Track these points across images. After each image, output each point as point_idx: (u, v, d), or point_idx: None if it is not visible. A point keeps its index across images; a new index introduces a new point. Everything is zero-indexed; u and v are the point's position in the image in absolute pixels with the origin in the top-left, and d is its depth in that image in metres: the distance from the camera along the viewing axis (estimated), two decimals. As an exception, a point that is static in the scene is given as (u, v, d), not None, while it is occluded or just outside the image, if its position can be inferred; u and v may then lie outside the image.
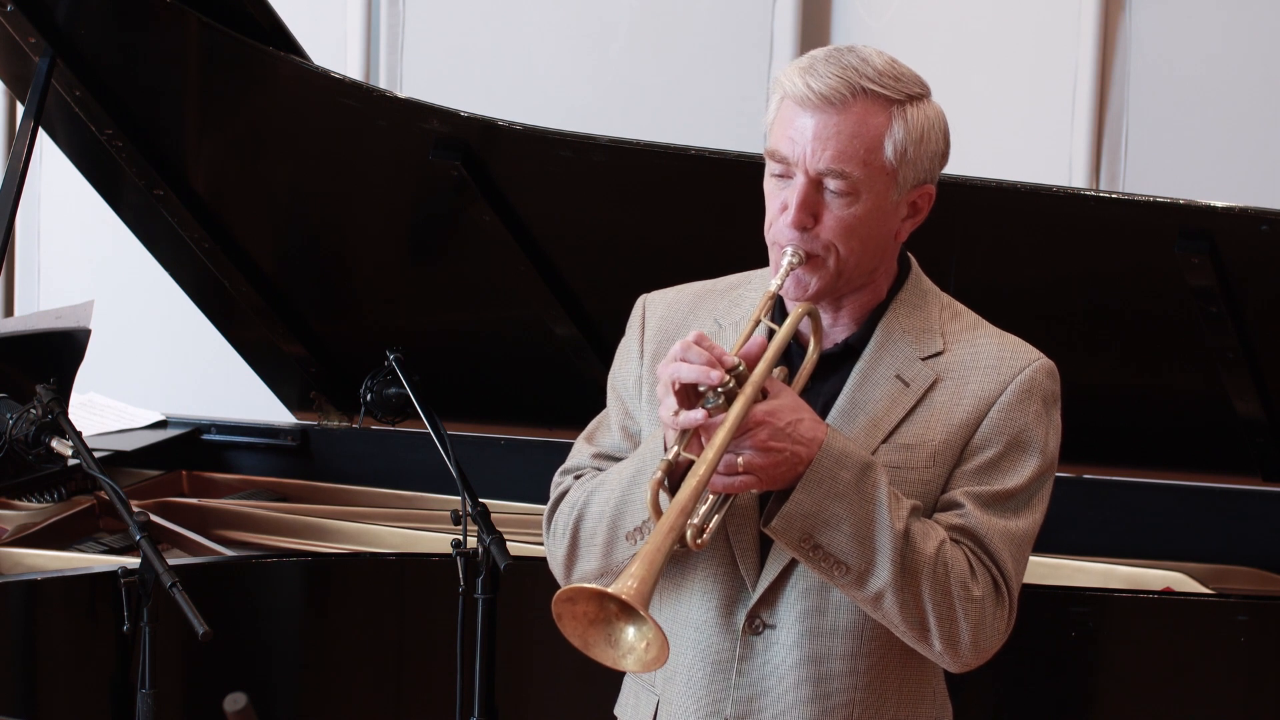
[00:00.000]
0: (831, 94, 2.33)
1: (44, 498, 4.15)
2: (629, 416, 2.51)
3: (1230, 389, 3.80)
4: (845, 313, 2.44)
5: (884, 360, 2.41)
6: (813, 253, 2.36)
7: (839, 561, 2.30)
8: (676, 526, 2.22)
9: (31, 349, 4.09)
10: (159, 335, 5.86)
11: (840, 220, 2.35)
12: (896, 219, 2.40)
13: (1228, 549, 4.02)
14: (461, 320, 4.34)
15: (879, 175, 2.35)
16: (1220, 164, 5.26)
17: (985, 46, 5.43)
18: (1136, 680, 3.57)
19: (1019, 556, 2.39)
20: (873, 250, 2.39)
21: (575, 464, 2.55)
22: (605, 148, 3.79)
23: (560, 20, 5.63)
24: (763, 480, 2.29)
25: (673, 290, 2.56)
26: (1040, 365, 2.44)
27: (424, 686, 3.69)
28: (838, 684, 2.40)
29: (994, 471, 2.38)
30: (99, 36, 3.99)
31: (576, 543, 2.45)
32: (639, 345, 2.52)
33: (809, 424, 2.30)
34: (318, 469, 4.59)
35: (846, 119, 2.34)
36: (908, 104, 2.37)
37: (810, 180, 2.35)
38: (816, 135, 2.34)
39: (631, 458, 2.43)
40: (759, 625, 2.41)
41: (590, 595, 2.20)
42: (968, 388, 2.40)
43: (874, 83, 2.35)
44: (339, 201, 4.22)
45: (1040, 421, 2.41)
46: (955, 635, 2.34)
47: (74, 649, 3.52)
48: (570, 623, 2.22)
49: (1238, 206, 3.58)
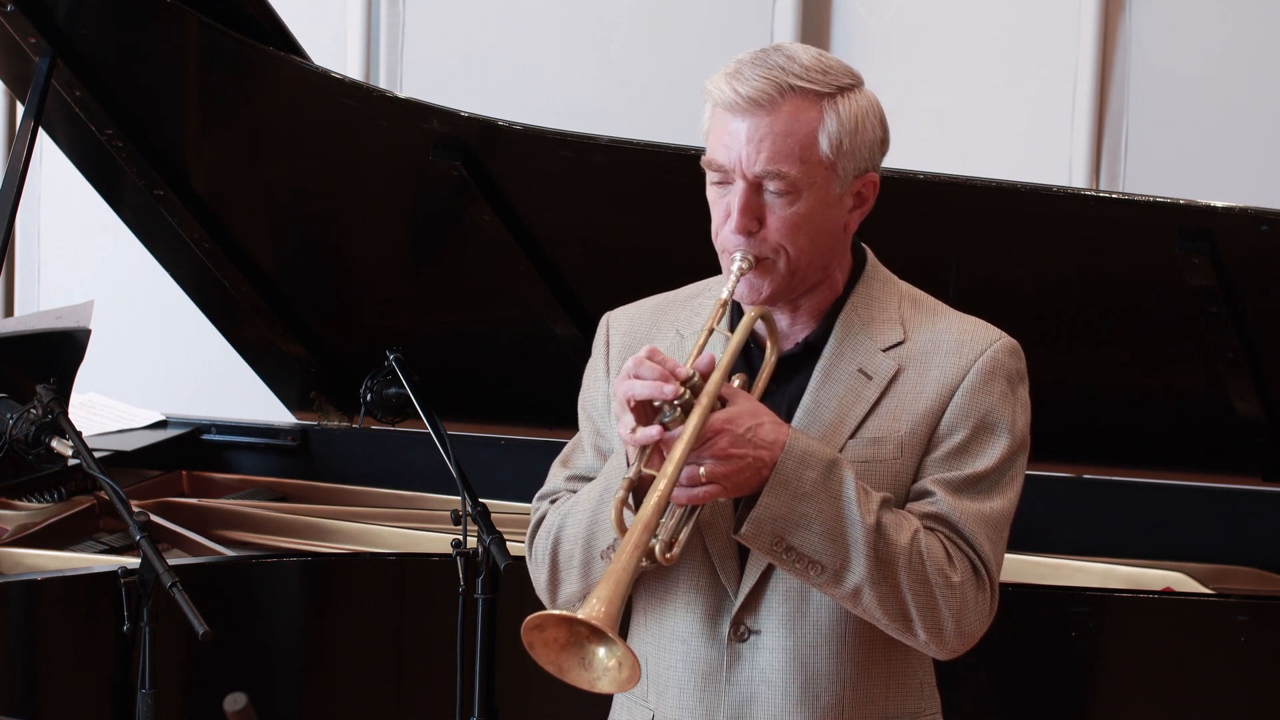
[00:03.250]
0: (759, 96, 2.32)
1: (44, 498, 4.15)
2: (601, 436, 2.51)
3: (1230, 389, 3.80)
4: (803, 311, 2.43)
5: (845, 355, 2.40)
6: (762, 256, 2.35)
7: (813, 561, 2.30)
8: (641, 544, 2.23)
9: (31, 349, 4.09)
10: (159, 335, 5.86)
11: (784, 220, 2.34)
12: (843, 211, 2.39)
13: (1228, 549, 4.02)
14: (461, 320, 4.34)
15: (818, 171, 2.34)
16: (1220, 164, 5.26)
17: (985, 46, 5.43)
18: (1136, 680, 3.57)
19: (996, 539, 2.38)
20: (822, 246, 2.38)
21: (551, 488, 2.55)
22: (605, 148, 3.79)
23: (560, 20, 5.63)
24: (727, 488, 2.29)
25: (633, 306, 2.56)
26: (1002, 345, 2.41)
27: (424, 686, 3.69)
28: (825, 683, 2.39)
29: (964, 455, 2.37)
30: (99, 36, 3.99)
31: (556, 567, 2.45)
32: (604, 364, 2.52)
33: (769, 427, 2.30)
34: (318, 469, 4.59)
35: (777, 119, 2.32)
36: (838, 96, 2.35)
37: (749, 184, 2.34)
38: (749, 139, 2.33)
39: (599, 477, 2.43)
40: (744, 632, 2.40)
41: (558, 621, 2.20)
42: (930, 375, 2.39)
43: (801, 79, 2.33)
44: (339, 201, 4.22)
45: (1006, 401, 2.39)
46: (938, 623, 2.33)
47: (74, 649, 3.52)
48: (542, 650, 2.22)
49: (1238, 206, 3.58)
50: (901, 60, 5.43)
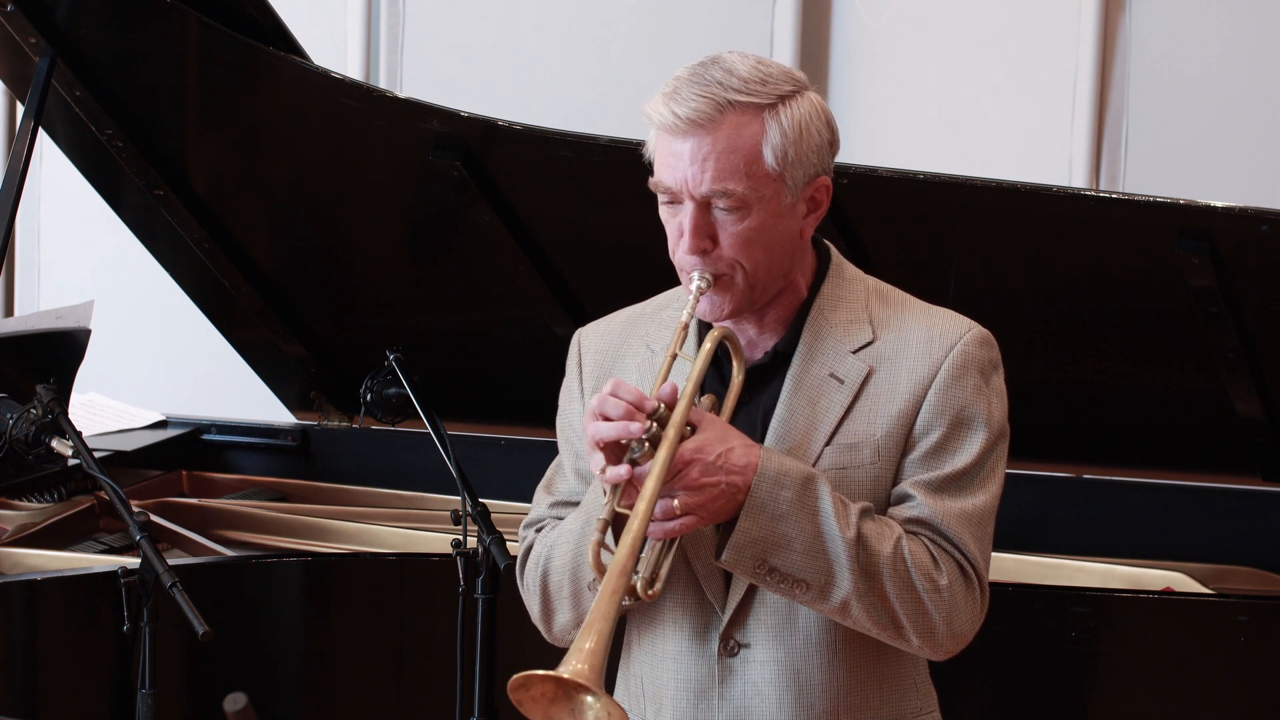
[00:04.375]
0: (698, 115, 2.30)
1: (44, 498, 4.15)
2: (580, 458, 2.48)
3: (1230, 389, 3.80)
4: (770, 320, 2.41)
5: (815, 361, 2.38)
6: (719, 273, 2.33)
7: (798, 580, 2.29)
8: (618, 589, 2.21)
9: (31, 349, 4.09)
10: (159, 335, 5.86)
11: (737, 236, 2.32)
12: (796, 219, 2.37)
13: (1228, 549, 4.02)
14: (461, 320, 4.34)
15: (765, 184, 2.32)
16: (1220, 164, 5.26)
17: (985, 46, 5.43)
18: (1136, 680, 3.56)
19: (981, 535, 2.36)
20: (779, 256, 2.36)
21: (536, 516, 2.53)
22: (605, 148, 3.79)
23: (560, 20, 5.63)
24: (703, 517, 2.28)
25: (604, 321, 2.54)
26: (972, 336, 2.38)
27: (424, 686, 3.69)
28: (819, 692, 2.38)
29: (942, 454, 2.35)
30: (99, 36, 3.99)
31: (548, 598, 2.45)
32: (579, 384, 2.51)
33: (740, 451, 2.29)
34: (318, 469, 4.59)
35: (719, 137, 2.30)
36: (779, 105, 2.32)
37: (698, 204, 2.32)
38: (693, 159, 2.31)
39: (580, 508, 2.42)
40: (734, 646, 2.39)
41: (543, 679, 2.19)
42: (902, 374, 2.36)
43: (740, 93, 2.31)
44: (339, 201, 4.22)
45: (980, 394, 2.36)
46: (929, 628, 2.32)
47: (74, 649, 3.52)
48: (531, 705, 2.21)
49: (1238, 206, 3.58)
50: (901, 60, 5.43)
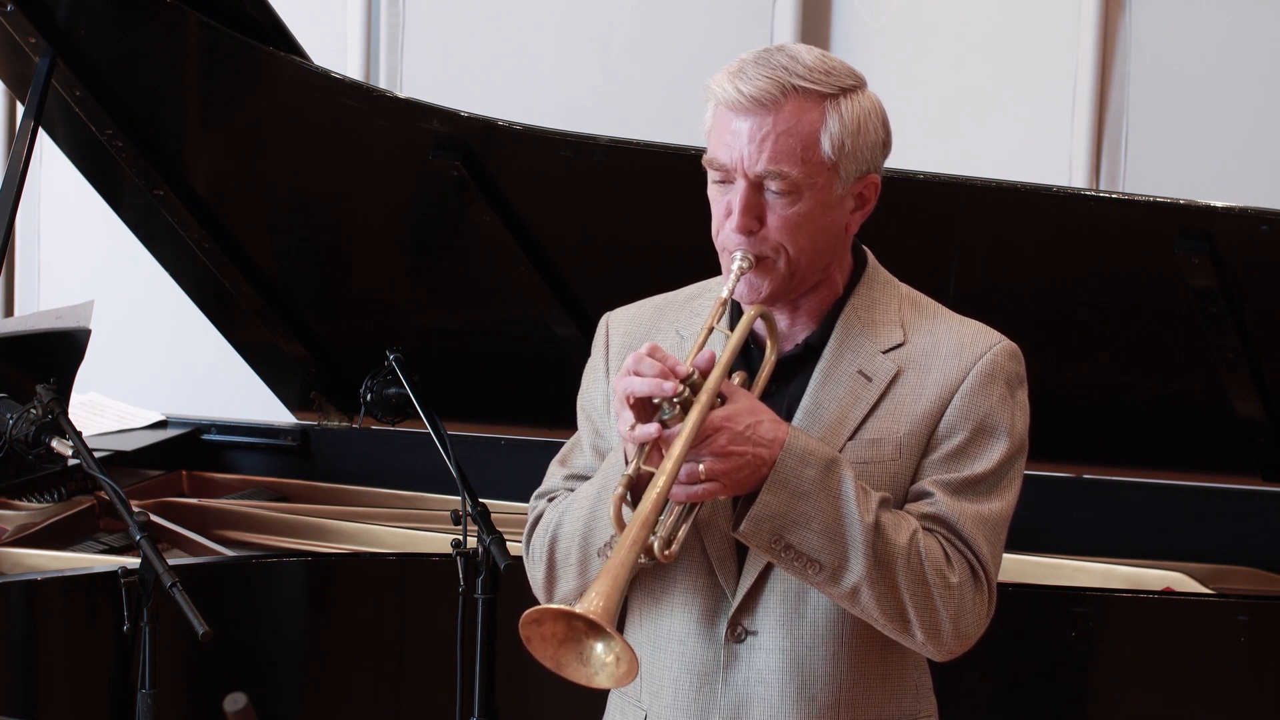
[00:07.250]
0: (762, 95, 2.32)
1: (44, 498, 4.15)
2: (599, 436, 2.50)
3: (1230, 389, 3.80)
4: (803, 312, 2.43)
5: (845, 357, 2.40)
6: (762, 255, 2.35)
7: (812, 559, 2.30)
8: (639, 540, 2.22)
9: (31, 349, 4.09)
10: (159, 335, 5.86)
11: (785, 220, 2.34)
12: (844, 212, 2.39)
13: (1228, 549, 4.02)
14: (461, 320, 4.34)
15: (819, 171, 2.34)
16: (1220, 164, 5.26)
17: (985, 46, 5.43)
18: (1136, 680, 3.57)
19: (994, 540, 2.38)
20: (823, 246, 2.38)
21: (549, 487, 2.54)
22: (605, 148, 3.79)
23: (560, 20, 5.63)
24: (726, 486, 2.29)
25: (634, 306, 2.56)
26: (1002, 348, 2.41)
27: (424, 686, 3.69)
28: (822, 684, 2.39)
29: (962, 458, 2.37)
30: (99, 36, 3.99)
31: (554, 565, 2.45)
32: (604, 364, 2.52)
33: (769, 425, 2.30)
34: (318, 469, 4.59)
35: (780, 118, 2.32)
36: (841, 97, 2.34)
37: (751, 183, 2.34)
38: (752, 138, 2.32)
39: (597, 474, 2.42)
40: (741, 632, 2.40)
41: (556, 615, 2.20)
42: (930, 377, 2.38)
43: (804, 79, 2.32)
44: (339, 201, 4.22)
45: (1005, 404, 2.39)
46: (936, 624, 2.33)
47: (74, 649, 3.52)
48: (540, 645, 2.21)
49: (1238, 206, 3.58)
50: (901, 60, 5.43)
